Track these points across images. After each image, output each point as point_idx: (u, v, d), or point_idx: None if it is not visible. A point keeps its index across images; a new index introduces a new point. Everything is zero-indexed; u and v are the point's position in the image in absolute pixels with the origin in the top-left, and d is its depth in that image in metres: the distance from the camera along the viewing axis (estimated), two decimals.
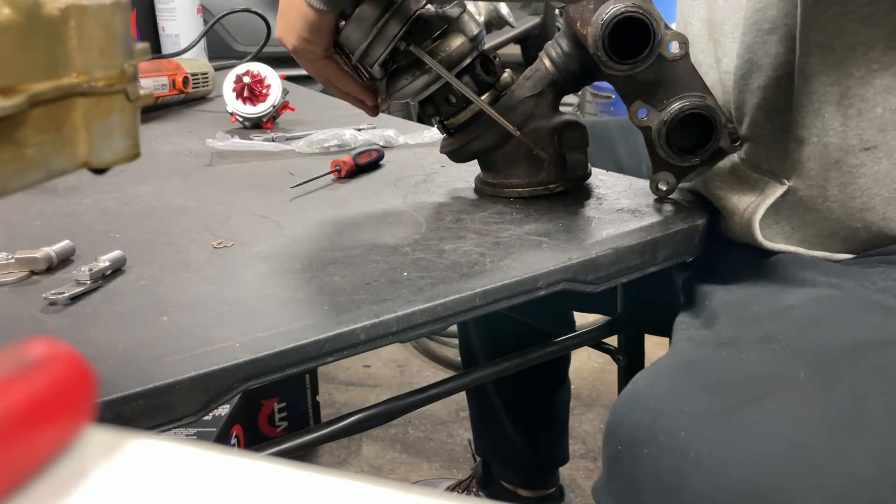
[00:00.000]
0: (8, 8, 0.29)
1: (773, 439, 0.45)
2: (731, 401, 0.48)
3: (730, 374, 0.51)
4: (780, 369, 0.50)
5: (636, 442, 0.49)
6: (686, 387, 0.51)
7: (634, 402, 0.52)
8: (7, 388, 0.22)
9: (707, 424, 0.47)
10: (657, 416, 0.49)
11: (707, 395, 0.49)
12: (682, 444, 0.46)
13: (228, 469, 0.23)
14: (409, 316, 0.54)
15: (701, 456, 0.45)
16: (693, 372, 0.52)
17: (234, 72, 1.14)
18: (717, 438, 0.46)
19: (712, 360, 0.53)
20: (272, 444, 0.60)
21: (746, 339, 0.54)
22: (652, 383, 0.53)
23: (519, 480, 1.23)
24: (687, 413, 0.48)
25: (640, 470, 0.48)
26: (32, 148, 0.31)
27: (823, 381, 0.48)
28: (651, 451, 0.48)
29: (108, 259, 0.60)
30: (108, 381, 0.44)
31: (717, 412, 0.47)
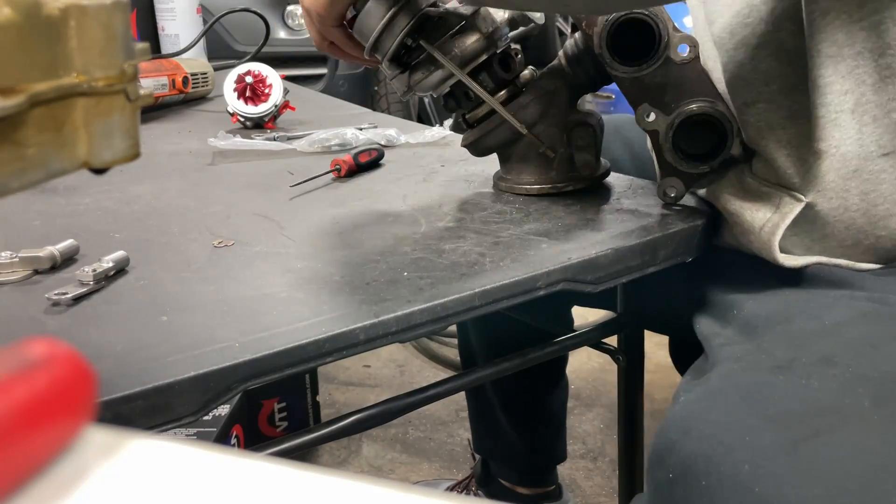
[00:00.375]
0: (8, 8, 0.29)
1: (846, 477, 0.43)
2: (798, 434, 0.46)
3: (793, 404, 0.48)
4: (845, 399, 0.48)
5: (693, 472, 0.47)
6: (747, 416, 0.48)
7: (689, 427, 0.49)
8: (7, 388, 0.22)
9: (773, 459, 0.45)
10: (717, 447, 0.47)
11: (772, 427, 0.47)
12: (746, 479, 0.44)
13: (228, 469, 0.23)
14: (408, 316, 0.54)
15: (768, 493, 0.43)
16: (753, 399, 0.50)
17: (236, 71, 1.14)
18: (786, 475, 0.44)
19: (771, 387, 0.51)
20: (272, 444, 0.60)
21: (803, 363, 0.52)
22: (707, 408, 0.50)
23: (517, 478, 1.23)
24: (751, 445, 0.46)
25: (697, 502, 0.46)
26: (33, 148, 0.31)
27: (892, 412, 0.46)
28: (711, 484, 0.46)
29: (112, 259, 0.60)
30: (108, 381, 0.44)
31: (783, 445, 0.45)
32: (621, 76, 0.69)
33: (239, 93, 1.14)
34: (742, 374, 0.54)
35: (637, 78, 0.68)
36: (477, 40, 0.74)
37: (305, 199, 0.81)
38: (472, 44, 0.74)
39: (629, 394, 0.93)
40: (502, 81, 0.77)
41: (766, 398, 0.50)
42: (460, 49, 0.73)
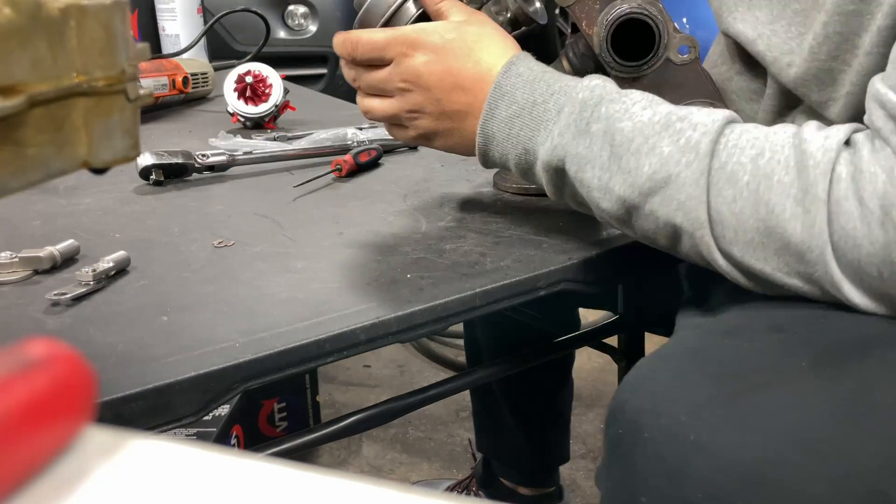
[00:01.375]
0: (8, 8, 0.29)
1: (777, 427, 0.45)
2: (734, 388, 0.48)
3: (735, 363, 0.51)
4: (785, 360, 0.50)
5: (638, 426, 0.49)
6: (689, 373, 0.51)
7: (637, 386, 0.52)
8: (7, 389, 0.22)
9: (710, 411, 0.47)
10: (659, 402, 0.49)
11: (710, 382, 0.49)
12: (684, 430, 0.47)
13: (228, 469, 0.23)
14: (409, 316, 0.54)
15: (703, 441, 0.46)
16: (697, 359, 0.53)
17: (236, 71, 1.14)
18: (720, 424, 0.46)
19: (717, 348, 0.54)
20: (272, 445, 0.60)
21: (752, 329, 0.54)
22: (655, 369, 0.53)
23: (519, 478, 1.23)
24: (690, 399, 0.48)
25: (641, 454, 0.49)
26: (32, 148, 0.31)
27: (829, 373, 0.49)
28: (652, 436, 0.48)
29: (112, 259, 0.60)
30: (108, 381, 0.44)
31: (720, 399, 0.48)
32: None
33: (239, 93, 1.14)
34: (693, 339, 0.56)
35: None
36: None
37: (306, 199, 0.81)
38: None
39: None
40: None
41: (711, 358, 0.52)
42: None
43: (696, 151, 0.54)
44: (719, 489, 0.44)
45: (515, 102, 0.62)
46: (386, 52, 0.65)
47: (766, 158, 0.53)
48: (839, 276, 0.52)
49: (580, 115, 0.59)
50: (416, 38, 0.64)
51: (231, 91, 1.14)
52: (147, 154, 0.85)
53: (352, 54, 0.66)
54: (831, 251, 0.51)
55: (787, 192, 0.52)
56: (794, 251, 0.52)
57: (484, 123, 0.63)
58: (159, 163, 0.85)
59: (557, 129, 0.59)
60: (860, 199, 0.50)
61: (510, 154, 0.63)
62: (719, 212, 0.54)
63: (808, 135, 0.53)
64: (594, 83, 0.60)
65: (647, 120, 0.56)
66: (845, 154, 0.52)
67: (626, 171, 0.56)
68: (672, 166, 0.55)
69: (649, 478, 0.48)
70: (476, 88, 0.63)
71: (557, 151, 0.60)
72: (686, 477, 0.46)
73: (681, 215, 0.55)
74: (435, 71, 0.63)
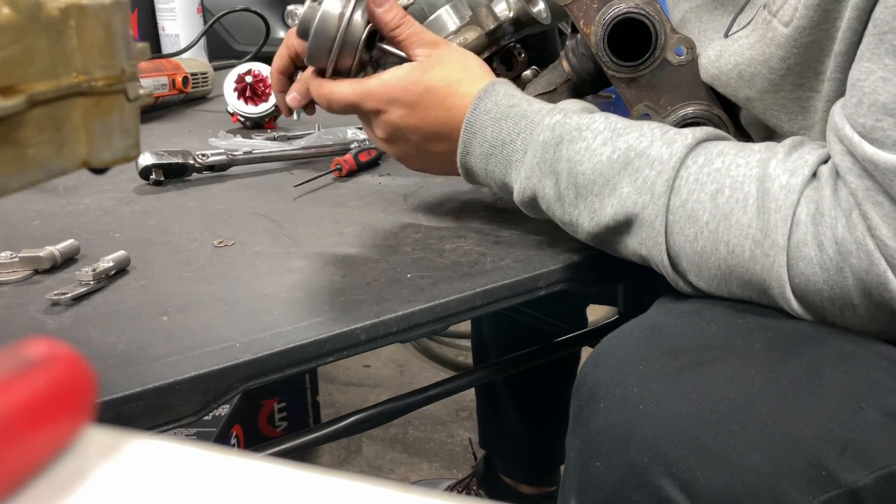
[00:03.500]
0: (8, 8, 0.29)
1: (719, 398, 0.47)
2: (683, 362, 0.51)
3: (687, 340, 0.53)
4: (737, 340, 0.52)
5: (595, 397, 0.52)
6: (644, 349, 0.53)
7: (597, 361, 0.54)
8: (7, 389, 0.22)
9: (659, 382, 0.50)
10: (615, 375, 0.52)
11: (662, 357, 0.52)
12: (633, 399, 0.49)
13: (228, 469, 0.23)
14: (409, 316, 0.54)
15: (649, 409, 0.48)
16: (654, 336, 0.55)
17: (236, 71, 1.14)
18: (666, 394, 0.49)
19: (674, 325, 0.56)
20: (272, 444, 0.60)
21: (713, 311, 0.56)
22: (615, 345, 0.55)
23: (521, 475, 1.23)
24: (641, 372, 0.51)
25: (595, 422, 0.51)
26: (32, 148, 0.31)
27: (780, 355, 0.51)
28: (606, 405, 0.51)
29: (112, 259, 0.60)
30: (108, 381, 0.44)
31: (669, 372, 0.50)
32: (617, 76, 0.68)
33: (239, 93, 1.14)
34: (654, 317, 0.58)
35: (633, 79, 0.68)
36: (478, 37, 0.75)
37: (306, 199, 0.81)
38: (474, 40, 0.75)
39: None
40: None
41: (665, 335, 0.54)
42: (461, 44, 0.74)
43: (651, 192, 0.56)
44: (662, 453, 0.47)
45: (486, 141, 0.63)
46: (361, 107, 0.66)
47: (726, 197, 0.54)
48: (801, 312, 0.53)
49: (542, 157, 0.60)
50: (387, 94, 0.65)
51: (231, 91, 1.14)
52: (147, 154, 0.85)
53: (328, 107, 0.68)
54: (790, 292, 0.52)
55: (747, 234, 0.53)
56: (755, 287, 0.54)
57: (462, 160, 0.65)
58: (159, 163, 0.85)
59: (524, 172, 0.61)
60: (819, 243, 0.51)
61: (491, 185, 0.65)
62: (682, 249, 0.56)
63: (773, 170, 0.53)
64: (554, 120, 0.60)
65: (606, 159, 0.57)
66: (808, 192, 0.52)
67: (592, 211, 0.58)
68: (631, 207, 0.56)
69: (602, 443, 0.50)
70: (453, 133, 0.65)
71: (527, 192, 0.61)
72: (633, 441, 0.48)
73: (644, 250, 0.57)
74: (411, 124, 0.65)
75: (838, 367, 0.50)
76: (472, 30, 0.75)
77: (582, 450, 0.53)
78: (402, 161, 0.70)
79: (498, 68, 0.77)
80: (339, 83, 0.66)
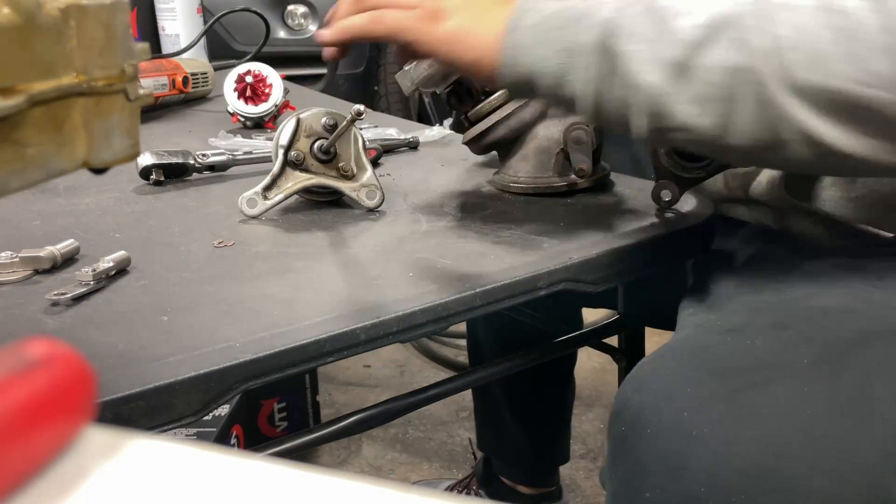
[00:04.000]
0: (8, 8, 0.29)
1: (778, 423, 0.45)
2: (736, 384, 0.48)
3: (736, 360, 0.51)
4: (787, 356, 0.50)
5: (641, 423, 0.50)
6: (692, 370, 0.51)
7: (640, 384, 0.52)
8: (7, 389, 0.22)
9: (712, 406, 0.47)
10: (661, 398, 0.49)
11: (712, 379, 0.49)
12: (686, 425, 0.47)
13: (228, 469, 0.23)
14: (409, 316, 0.54)
15: (705, 436, 0.46)
16: (699, 356, 0.53)
17: (236, 71, 1.14)
18: (722, 420, 0.46)
19: (719, 345, 0.54)
20: (272, 444, 0.60)
21: (754, 326, 0.54)
22: (657, 367, 0.53)
23: (519, 477, 1.23)
24: (692, 395, 0.48)
25: (644, 449, 0.49)
26: (32, 148, 0.31)
27: (830, 369, 0.49)
28: (655, 431, 0.48)
29: (112, 259, 0.60)
30: (108, 381, 0.44)
31: (722, 395, 0.48)
32: None
33: (239, 93, 1.14)
34: (696, 338, 0.56)
35: None
36: None
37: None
38: None
39: None
40: None
41: (712, 355, 0.52)
42: None
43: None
44: (721, 482, 0.44)
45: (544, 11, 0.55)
46: None
47: None
48: None
49: None
50: None
51: (231, 91, 1.14)
52: (147, 154, 0.85)
53: None
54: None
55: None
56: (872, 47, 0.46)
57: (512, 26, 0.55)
58: (159, 163, 0.85)
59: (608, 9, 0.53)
60: None
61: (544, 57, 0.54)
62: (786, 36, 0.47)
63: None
64: None
65: None
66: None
67: (673, 32, 0.50)
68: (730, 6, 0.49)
69: (652, 473, 0.48)
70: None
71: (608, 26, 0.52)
72: (688, 471, 0.46)
73: (746, 54, 0.48)
74: None
75: (886, 375, 0.48)
76: None
77: (628, 479, 0.50)
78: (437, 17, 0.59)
79: None
80: None
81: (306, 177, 0.73)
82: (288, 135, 0.73)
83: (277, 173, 0.73)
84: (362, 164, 0.74)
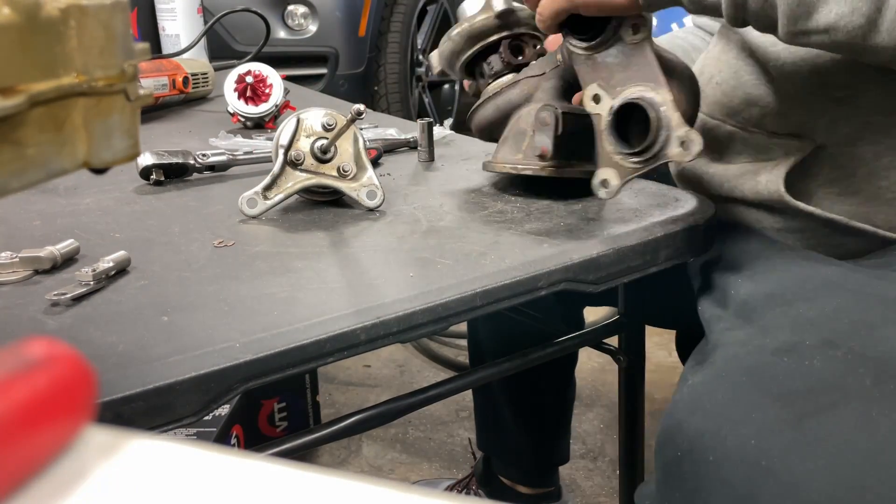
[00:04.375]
0: (8, 8, 0.29)
1: (849, 450, 0.44)
2: (801, 410, 0.47)
3: (797, 382, 0.49)
4: (847, 377, 0.49)
5: (699, 448, 0.48)
6: (751, 394, 0.49)
7: (695, 407, 0.50)
8: (7, 388, 0.22)
9: (778, 433, 0.46)
10: (723, 423, 0.48)
11: (776, 404, 0.48)
12: (753, 453, 0.45)
13: (228, 469, 0.23)
14: (409, 316, 0.54)
15: (774, 466, 0.44)
16: (755, 378, 0.51)
17: (236, 71, 1.14)
18: (791, 448, 0.45)
19: (774, 366, 0.52)
20: (272, 445, 0.60)
21: (806, 346, 0.53)
22: (713, 389, 0.51)
23: (519, 477, 1.23)
24: (756, 421, 0.47)
25: (705, 476, 0.47)
26: (32, 148, 0.31)
27: (891, 390, 0.47)
28: (717, 458, 0.47)
29: (112, 260, 0.60)
30: (108, 381, 0.44)
31: (788, 421, 0.46)
32: (577, 52, 0.67)
33: (239, 93, 1.14)
34: (747, 357, 0.54)
35: (590, 56, 0.67)
36: (486, 18, 0.77)
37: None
38: (482, 20, 0.77)
39: (629, 394, 0.93)
40: (508, 65, 0.79)
41: (771, 378, 0.50)
42: (470, 23, 0.76)
43: None
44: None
45: None
46: None
47: None
48: None
49: None
50: None
51: (231, 91, 1.14)
52: (147, 154, 0.85)
53: None
54: None
55: None
56: None
57: None
58: (159, 163, 0.85)
59: None
60: None
61: None
62: None
63: None
64: None
65: None
66: None
67: None
68: None
69: (716, 502, 0.46)
70: None
71: None
72: (757, 503, 0.44)
73: None
74: None
75: None
76: (484, 11, 0.78)
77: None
78: None
79: (504, 52, 0.78)
80: None
81: (306, 177, 0.73)
82: (288, 135, 0.73)
83: (277, 173, 0.73)
84: (362, 164, 0.74)
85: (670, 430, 0.51)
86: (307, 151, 0.73)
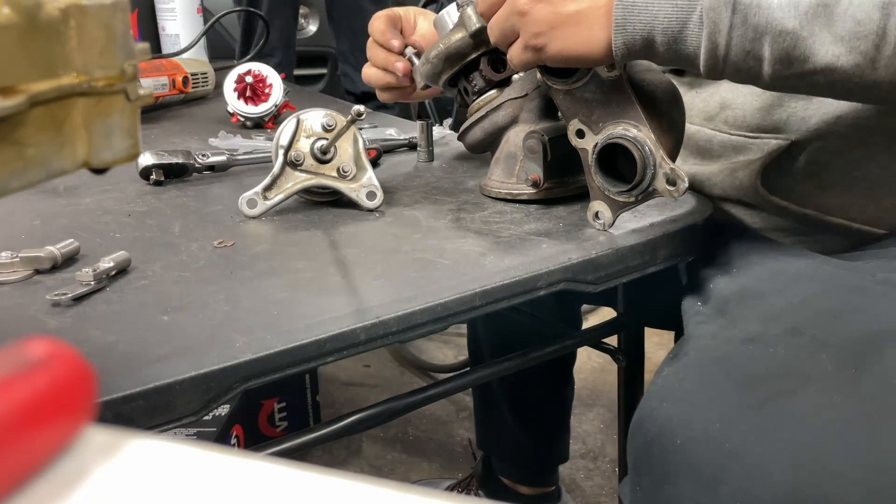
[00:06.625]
0: (8, 8, 0.29)
1: (810, 434, 0.45)
2: (763, 394, 0.48)
3: (760, 369, 0.51)
4: (808, 363, 0.50)
5: (667, 433, 0.49)
6: (717, 381, 0.51)
7: (665, 395, 0.52)
8: (7, 388, 0.22)
9: (742, 417, 0.47)
10: (689, 409, 0.49)
11: (740, 389, 0.49)
12: (717, 436, 0.46)
13: (228, 469, 0.23)
14: (408, 316, 0.54)
15: (737, 449, 0.45)
16: (722, 366, 0.52)
17: (236, 71, 1.14)
18: (753, 432, 0.46)
19: (740, 355, 0.53)
20: (272, 444, 0.60)
21: (771, 335, 0.54)
22: (682, 378, 0.53)
23: (519, 477, 1.23)
24: (720, 406, 0.48)
25: (672, 460, 0.48)
26: (32, 148, 0.31)
27: (852, 374, 0.48)
28: (684, 442, 0.48)
29: (113, 259, 0.60)
30: (108, 380, 0.44)
31: (750, 405, 0.47)
32: (556, 88, 0.67)
33: (239, 93, 1.14)
34: (716, 348, 0.56)
35: (569, 91, 0.66)
36: (461, 38, 0.76)
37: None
38: (457, 41, 0.76)
39: (629, 394, 0.93)
40: (490, 82, 0.78)
41: (735, 365, 0.52)
42: (445, 45, 0.76)
43: None
44: (756, 498, 0.44)
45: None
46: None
47: None
48: None
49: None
50: None
51: (231, 91, 1.14)
52: (147, 154, 0.85)
53: None
54: None
55: None
56: None
57: None
58: (159, 163, 0.85)
59: None
60: None
61: (658, 17, 0.56)
62: None
63: None
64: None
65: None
66: None
67: None
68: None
69: (682, 485, 0.47)
70: None
71: None
72: (722, 484, 0.45)
73: None
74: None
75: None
76: (458, 30, 0.77)
77: (655, 490, 0.50)
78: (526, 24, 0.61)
79: (484, 69, 0.77)
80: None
81: (306, 177, 0.73)
82: (288, 135, 0.73)
83: (277, 173, 0.73)
84: (362, 164, 0.74)
85: (641, 418, 0.52)
86: (307, 152, 0.73)
